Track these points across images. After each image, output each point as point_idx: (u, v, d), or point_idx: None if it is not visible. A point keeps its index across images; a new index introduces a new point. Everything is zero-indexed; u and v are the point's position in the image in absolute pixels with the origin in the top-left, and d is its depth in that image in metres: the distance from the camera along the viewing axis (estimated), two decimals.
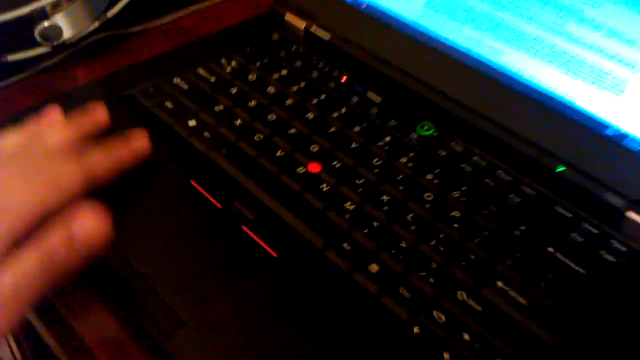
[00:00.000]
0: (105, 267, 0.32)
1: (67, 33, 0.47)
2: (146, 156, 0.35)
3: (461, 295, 0.31)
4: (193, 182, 0.36)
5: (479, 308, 0.30)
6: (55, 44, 0.47)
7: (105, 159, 0.33)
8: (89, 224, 0.29)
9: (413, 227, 0.34)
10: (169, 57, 0.48)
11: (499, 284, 0.32)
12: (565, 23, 0.41)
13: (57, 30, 0.46)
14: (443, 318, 0.30)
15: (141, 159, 0.35)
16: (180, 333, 0.29)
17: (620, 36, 0.39)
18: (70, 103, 0.42)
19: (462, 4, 0.45)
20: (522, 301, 0.31)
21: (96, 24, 0.49)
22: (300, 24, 0.51)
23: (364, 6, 0.49)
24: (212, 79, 0.44)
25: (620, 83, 0.39)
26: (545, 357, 0.29)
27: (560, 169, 0.39)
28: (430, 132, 0.41)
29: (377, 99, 0.44)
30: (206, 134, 0.39)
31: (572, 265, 0.33)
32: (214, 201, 0.35)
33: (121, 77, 0.45)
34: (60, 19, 0.46)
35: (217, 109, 0.41)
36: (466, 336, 0.29)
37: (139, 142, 0.35)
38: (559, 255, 0.34)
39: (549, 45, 0.41)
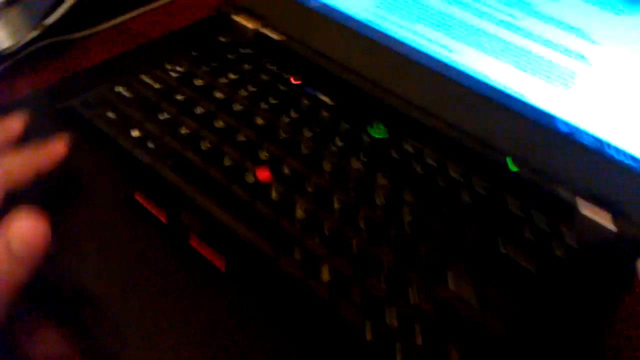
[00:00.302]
0: (47, 285, 0.31)
1: (5, 43, 0.45)
2: (63, 160, 0.34)
3: (413, 294, 0.31)
4: (137, 196, 0.34)
5: (431, 308, 0.30)
6: None
7: (22, 163, 0.32)
8: (27, 226, 0.27)
9: (365, 231, 0.34)
10: (113, 63, 0.46)
11: (451, 282, 0.31)
12: (515, 18, 0.41)
13: None
14: (395, 323, 0.29)
15: (58, 162, 0.34)
16: (126, 353, 0.28)
17: (570, 29, 0.39)
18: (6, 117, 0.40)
19: (413, 2, 0.44)
20: (473, 297, 0.31)
21: (35, 33, 0.47)
22: (250, 25, 0.50)
23: (315, 5, 0.48)
24: (157, 86, 0.43)
25: (569, 76, 0.39)
26: (496, 349, 0.29)
27: (511, 164, 0.39)
28: (381, 134, 0.41)
29: (328, 101, 0.43)
30: (150, 144, 0.38)
31: (522, 261, 0.33)
32: (159, 216, 0.34)
33: (63, 87, 0.43)
34: None
35: (162, 117, 0.40)
36: (419, 340, 0.29)
37: (56, 146, 0.34)
38: (509, 251, 0.34)
39: (499, 41, 0.41)
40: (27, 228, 0.27)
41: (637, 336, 0.35)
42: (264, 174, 0.37)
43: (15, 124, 0.35)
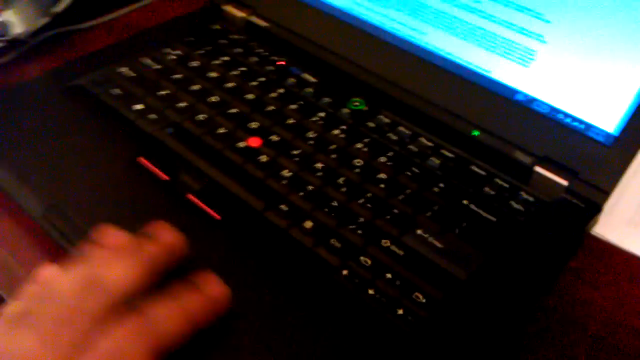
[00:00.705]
0: (60, 233, 0.35)
1: (17, 29, 0.49)
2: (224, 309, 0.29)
3: (385, 243, 0.35)
4: (141, 159, 0.39)
5: (401, 252, 0.34)
6: (5, 40, 0.49)
7: (175, 315, 0.26)
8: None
9: (344, 189, 0.38)
10: (116, 49, 0.51)
11: (419, 231, 0.36)
12: (478, 2, 0.45)
13: (7, 26, 0.49)
14: (369, 262, 0.34)
15: (220, 311, 0.28)
16: None
17: (529, 11, 0.44)
18: (22, 95, 0.45)
19: None
20: (439, 245, 0.35)
21: (46, 20, 0.51)
22: (240, 14, 0.54)
23: None
24: (157, 67, 0.47)
25: (529, 54, 0.43)
26: (459, 291, 0.33)
27: (476, 133, 0.43)
28: (360, 107, 0.45)
29: (312, 79, 0.48)
30: (152, 116, 0.42)
31: (484, 214, 0.37)
32: (160, 174, 0.38)
33: (70, 69, 0.48)
34: (9, 16, 0.49)
35: (162, 93, 0.44)
36: (389, 276, 0.33)
37: (215, 289, 0.29)
38: (472, 206, 0.38)
39: (465, 23, 0.46)
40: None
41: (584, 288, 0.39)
42: (254, 141, 0.41)
43: (177, 243, 0.30)
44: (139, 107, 0.43)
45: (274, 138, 0.41)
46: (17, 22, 0.49)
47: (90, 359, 0.23)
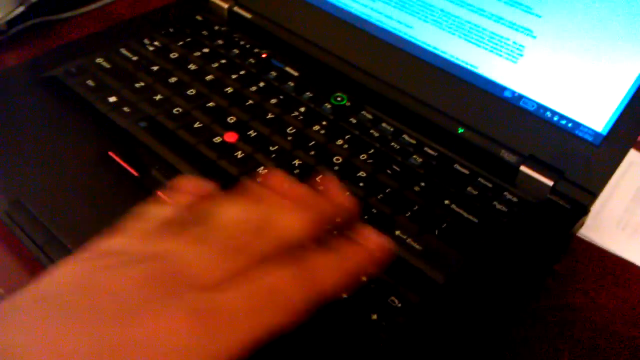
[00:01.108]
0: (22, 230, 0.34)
1: None
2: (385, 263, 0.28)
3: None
4: (111, 153, 0.37)
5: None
6: None
7: (335, 267, 0.26)
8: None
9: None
10: (94, 38, 0.49)
11: (397, 232, 0.34)
12: None
13: None
14: None
15: (379, 263, 0.27)
16: None
17: (518, 5, 0.42)
18: None
19: None
20: (417, 246, 0.34)
21: (21, 9, 0.50)
22: (224, 4, 0.53)
23: None
24: (134, 58, 0.46)
25: (518, 49, 0.42)
26: (437, 295, 0.32)
27: (461, 130, 0.42)
28: (343, 102, 0.44)
29: (294, 73, 0.46)
30: (126, 109, 0.41)
31: (466, 215, 0.36)
32: (130, 169, 0.36)
33: (46, 59, 0.46)
34: None
35: (138, 85, 0.43)
36: (363, 278, 0.32)
37: (374, 241, 0.28)
38: (454, 206, 0.37)
39: (453, 17, 0.44)
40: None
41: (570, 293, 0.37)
42: (230, 136, 0.40)
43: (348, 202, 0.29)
44: (112, 99, 0.41)
45: (252, 133, 0.40)
46: None
47: (248, 291, 0.23)
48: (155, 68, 0.45)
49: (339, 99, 0.44)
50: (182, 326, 0.21)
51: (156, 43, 0.48)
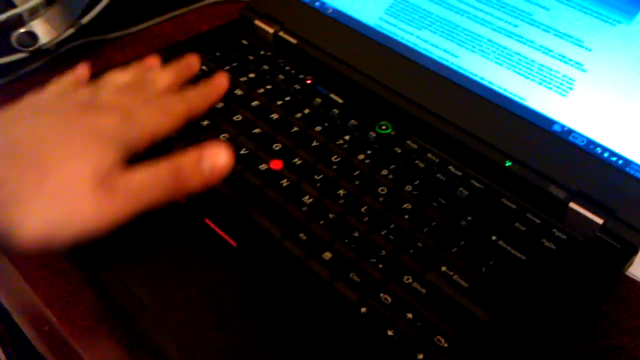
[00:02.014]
0: (77, 261, 0.34)
1: (43, 39, 0.49)
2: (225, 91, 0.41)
3: (407, 279, 0.33)
4: None
5: (423, 290, 0.33)
6: (31, 49, 0.49)
7: (200, 95, 0.38)
8: (219, 152, 0.32)
9: (366, 219, 0.36)
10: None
11: (443, 268, 0.34)
12: (516, 25, 0.44)
13: (33, 36, 0.48)
14: (389, 299, 0.32)
15: (223, 93, 0.40)
16: (143, 316, 0.31)
17: (569, 37, 0.42)
18: None
19: (419, 10, 0.47)
20: (464, 284, 0.33)
21: (71, 30, 0.51)
22: (269, 29, 0.53)
23: (330, 11, 0.52)
24: None
25: (568, 82, 0.41)
26: (483, 335, 0.31)
27: (508, 163, 0.41)
28: (388, 131, 0.44)
29: (339, 100, 0.46)
30: None
31: (513, 252, 0.35)
32: None
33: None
34: (36, 25, 0.48)
35: None
36: (410, 316, 0.31)
37: (221, 81, 0.41)
38: (501, 242, 0.36)
39: (501, 47, 0.44)
40: (219, 155, 0.32)
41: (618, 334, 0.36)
42: (276, 163, 0.40)
43: (193, 62, 0.42)
44: None
45: (297, 161, 0.40)
46: (44, 32, 0.49)
47: (155, 108, 0.35)
48: None
49: (383, 127, 0.44)
50: (111, 119, 0.32)
51: (203, 67, 0.48)
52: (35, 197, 0.27)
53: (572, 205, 0.39)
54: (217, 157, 0.32)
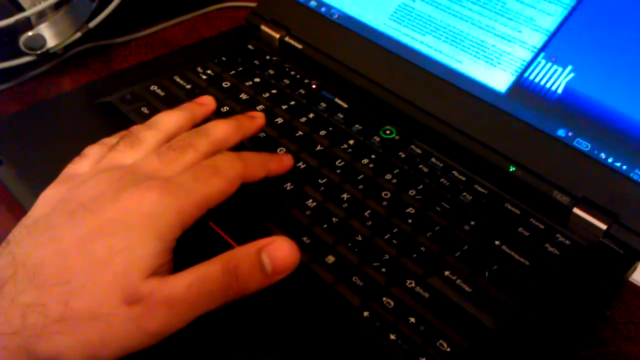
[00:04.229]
0: None
1: (51, 42, 0.50)
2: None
3: (410, 283, 0.33)
4: None
5: (426, 295, 0.33)
6: (39, 53, 0.49)
7: (257, 159, 0.35)
8: (282, 245, 0.29)
9: (370, 223, 0.37)
10: (148, 65, 0.50)
11: (446, 273, 0.34)
12: (520, 32, 0.44)
13: (41, 39, 0.49)
14: (392, 303, 0.32)
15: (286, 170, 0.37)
16: None
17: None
18: (53, 109, 0.45)
19: (423, 16, 0.48)
20: (467, 289, 0.33)
21: (79, 34, 0.51)
22: (275, 34, 0.53)
23: (335, 17, 0.52)
24: (188, 86, 0.47)
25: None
26: (487, 340, 0.31)
27: (512, 169, 0.41)
28: (392, 136, 0.44)
29: (344, 104, 0.46)
30: None
31: (517, 257, 0.35)
32: None
33: (102, 85, 0.47)
34: (43, 29, 0.49)
35: None
36: (412, 320, 0.31)
37: (286, 159, 0.38)
38: (505, 247, 0.36)
39: (501, 52, 0.44)
40: (283, 252, 0.29)
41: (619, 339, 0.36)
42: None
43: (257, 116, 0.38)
44: None
45: (300, 165, 0.40)
46: (51, 35, 0.49)
47: (195, 170, 0.31)
48: None
49: (388, 132, 0.44)
50: (148, 197, 0.28)
51: (209, 71, 0.49)
52: (63, 325, 0.25)
53: (576, 210, 0.39)
54: (279, 251, 0.28)
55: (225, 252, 0.28)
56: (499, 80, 0.44)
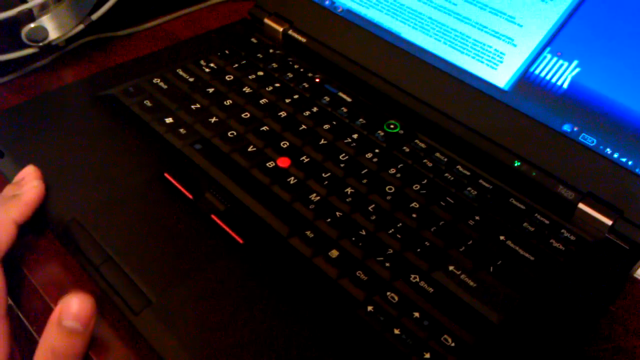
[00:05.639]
0: (79, 250, 0.34)
1: (53, 34, 0.49)
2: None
3: (414, 278, 0.33)
4: (167, 175, 0.38)
5: (430, 290, 0.32)
6: (41, 44, 0.49)
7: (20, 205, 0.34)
8: (70, 300, 0.28)
9: (374, 217, 0.36)
10: (151, 58, 0.50)
11: (451, 268, 0.34)
12: (521, 26, 0.43)
13: (43, 31, 0.48)
14: (396, 298, 0.32)
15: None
16: (148, 311, 0.31)
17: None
18: (55, 101, 0.44)
19: (425, 15, 0.47)
20: (471, 283, 0.33)
21: (81, 26, 0.51)
22: (279, 28, 0.53)
23: (339, 10, 0.51)
24: (191, 79, 0.46)
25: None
26: (491, 335, 0.31)
27: (517, 163, 0.41)
28: (396, 130, 0.44)
29: (347, 98, 0.46)
30: (182, 130, 0.41)
31: (522, 252, 0.35)
32: (185, 192, 0.37)
33: (104, 77, 0.47)
34: (46, 21, 0.48)
35: (193, 107, 0.43)
36: (416, 314, 0.31)
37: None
38: (509, 242, 0.36)
39: (506, 47, 0.44)
40: (75, 306, 0.28)
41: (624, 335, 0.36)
42: (283, 161, 0.40)
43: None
44: (169, 120, 0.42)
45: (304, 159, 0.40)
46: (53, 28, 0.49)
47: None
48: (210, 90, 0.45)
49: (392, 126, 0.44)
50: None
51: (212, 65, 0.48)
52: None
53: (581, 205, 0.38)
54: (72, 307, 0.28)
55: (38, 345, 0.28)
56: (504, 75, 0.43)
